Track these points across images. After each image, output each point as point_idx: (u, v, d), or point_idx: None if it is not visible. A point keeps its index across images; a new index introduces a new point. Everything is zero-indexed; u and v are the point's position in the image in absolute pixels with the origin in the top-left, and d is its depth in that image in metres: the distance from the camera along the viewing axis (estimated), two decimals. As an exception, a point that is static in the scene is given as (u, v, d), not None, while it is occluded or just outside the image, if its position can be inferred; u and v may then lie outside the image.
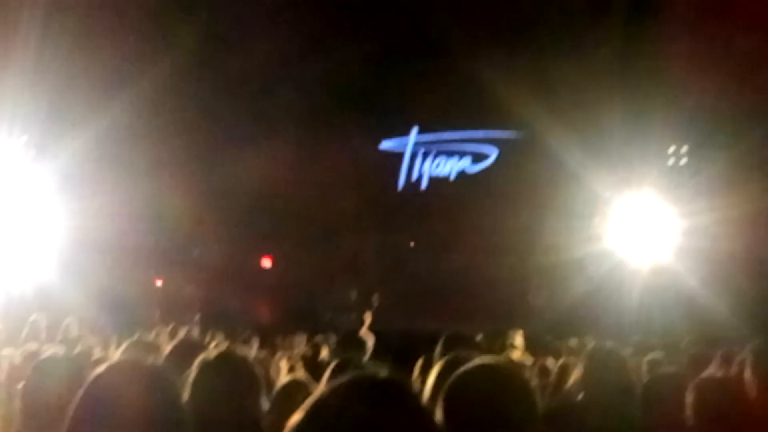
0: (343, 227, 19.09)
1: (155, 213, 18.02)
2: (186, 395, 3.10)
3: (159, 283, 19.39)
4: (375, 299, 15.83)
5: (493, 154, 20.13)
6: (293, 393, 4.03)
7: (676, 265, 16.29)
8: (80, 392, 2.64)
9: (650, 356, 7.15)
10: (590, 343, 8.04)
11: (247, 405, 3.33)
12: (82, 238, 15.80)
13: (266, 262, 20.14)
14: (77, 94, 15.60)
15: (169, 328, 10.86)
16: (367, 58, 18.21)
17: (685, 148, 17.94)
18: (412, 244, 20.17)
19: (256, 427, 3.35)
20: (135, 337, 6.27)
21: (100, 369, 2.72)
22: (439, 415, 2.51)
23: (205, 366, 3.36)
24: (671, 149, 17.99)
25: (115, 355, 5.33)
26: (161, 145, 17.57)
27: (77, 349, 6.40)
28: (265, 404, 3.51)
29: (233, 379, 3.34)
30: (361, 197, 19.32)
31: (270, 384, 4.53)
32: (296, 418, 1.74)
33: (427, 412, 1.86)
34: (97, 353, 6.55)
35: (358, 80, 18.40)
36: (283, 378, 5.18)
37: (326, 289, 19.40)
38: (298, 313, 17.60)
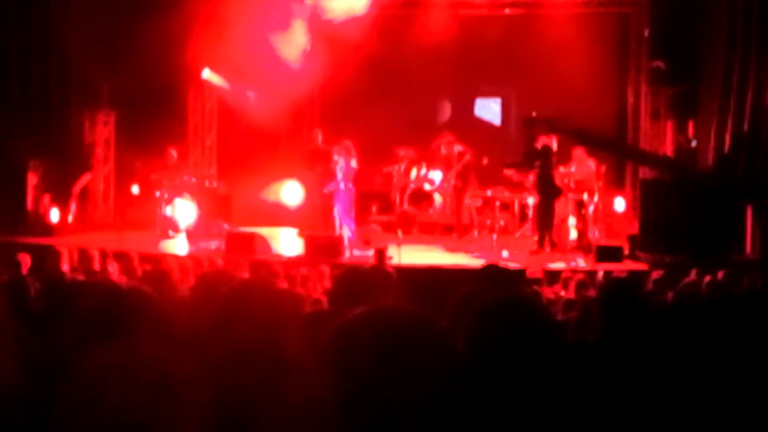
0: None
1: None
2: (213, 324, 3.12)
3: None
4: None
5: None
6: (318, 322, 4.05)
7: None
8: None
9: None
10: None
11: (272, 333, 3.34)
12: None
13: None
14: None
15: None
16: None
17: None
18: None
19: (283, 356, 3.36)
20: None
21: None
22: (460, 346, 2.50)
23: (231, 295, 3.36)
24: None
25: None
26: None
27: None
28: (291, 333, 3.53)
29: (258, 308, 3.34)
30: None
31: (295, 314, 4.56)
32: (320, 346, 1.74)
33: (449, 344, 1.86)
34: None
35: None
36: (308, 308, 5.20)
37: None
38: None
